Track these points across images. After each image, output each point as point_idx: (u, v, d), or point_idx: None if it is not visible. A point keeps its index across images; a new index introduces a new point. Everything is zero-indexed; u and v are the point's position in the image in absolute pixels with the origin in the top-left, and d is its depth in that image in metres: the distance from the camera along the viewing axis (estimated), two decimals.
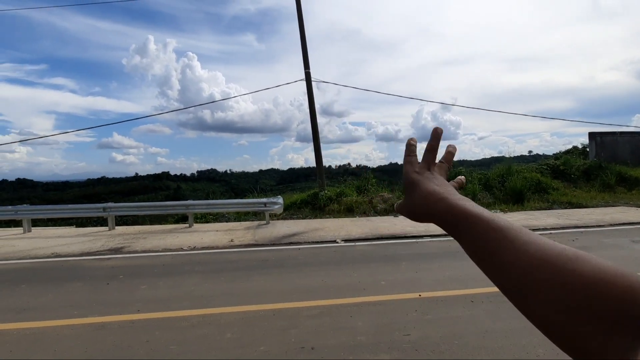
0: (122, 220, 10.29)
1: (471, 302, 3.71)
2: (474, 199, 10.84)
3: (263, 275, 5.02)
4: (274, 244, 6.99)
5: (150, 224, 10.72)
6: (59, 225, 10.54)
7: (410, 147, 0.55)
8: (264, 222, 9.24)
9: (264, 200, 9.45)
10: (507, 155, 14.37)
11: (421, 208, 0.50)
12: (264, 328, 3.28)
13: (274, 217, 9.83)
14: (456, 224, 0.45)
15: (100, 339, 3.17)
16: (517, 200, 10.73)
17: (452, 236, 0.46)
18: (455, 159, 0.58)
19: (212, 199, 12.42)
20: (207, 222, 10.71)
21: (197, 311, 3.71)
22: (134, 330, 3.31)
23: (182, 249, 6.81)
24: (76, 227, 9.89)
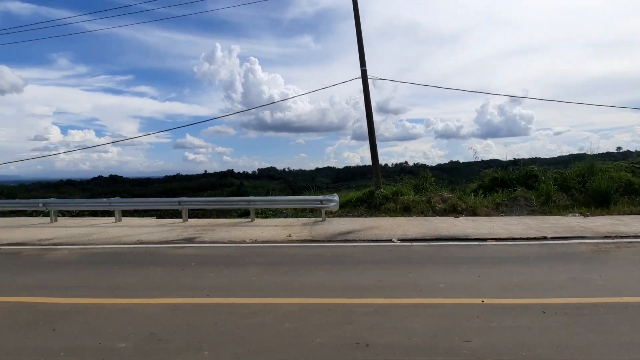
0: (192, 213, 11.22)
1: (542, 313, 3.40)
2: (547, 200, 9.85)
3: (319, 270, 5.13)
4: (329, 241, 7.09)
5: (217, 217, 11.53)
6: (142, 216, 11.85)
7: None
8: (320, 219, 9.39)
9: (320, 197, 9.60)
10: (589, 152, 12.76)
11: None
12: (320, 321, 3.36)
13: (330, 214, 9.94)
14: None
15: (176, 318, 3.51)
16: (601, 202, 9.50)
17: None
18: (526, 156, 0.48)
19: (271, 196, 12.96)
20: (267, 217, 11.18)
21: (258, 300, 3.92)
22: (204, 313, 3.61)
23: (244, 242, 7.22)
24: (157, 218, 11.03)
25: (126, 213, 11.28)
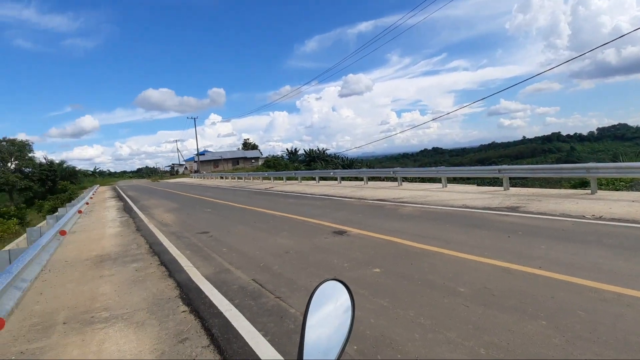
0: (511, 182, 10.48)
1: None
2: None
3: None
4: None
5: (540, 187, 10.10)
6: (461, 183, 12.50)
7: None
8: None
9: None
10: None
11: None
12: None
13: None
14: None
15: (507, 280, 3.57)
16: None
17: None
18: None
19: (622, 162, 9.56)
20: (616, 189, 8.49)
21: (608, 287, 3.19)
22: (537, 283, 3.42)
23: (583, 217, 5.92)
24: (477, 185, 11.29)
25: (448, 179, 12.34)
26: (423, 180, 14.86)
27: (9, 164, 42.11)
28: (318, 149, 48.01)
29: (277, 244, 5.94)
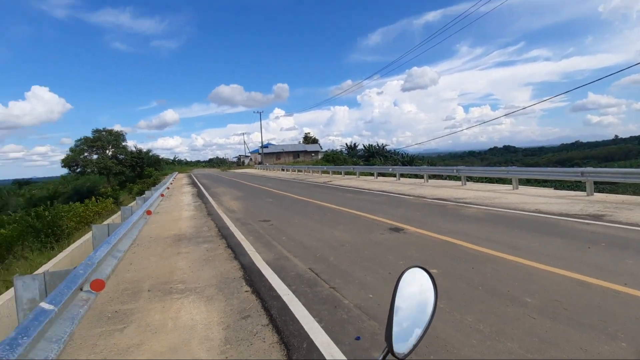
0: (597, 188, 9.20)
1: None
2: None
3: None
4: None
5: (633, 194, 8.72)
6: (535, 186, 11.32)
7: None
8: None
9: None
10: None
11: None
12: None
13: None
14: None
15: (583, 295, 3.21)
16: None
17: None
18: None
19: None
20: None
21: None
22: (619, 301, 3.03)
23: None
24: (554, 189, 10.14)
25: (520, 181, 11.28)
26: (491, 180, 13.76)
27: (107, 151, 48.99)
28: (377, 145, 47.26)
29: (334, 237, 6.08)
